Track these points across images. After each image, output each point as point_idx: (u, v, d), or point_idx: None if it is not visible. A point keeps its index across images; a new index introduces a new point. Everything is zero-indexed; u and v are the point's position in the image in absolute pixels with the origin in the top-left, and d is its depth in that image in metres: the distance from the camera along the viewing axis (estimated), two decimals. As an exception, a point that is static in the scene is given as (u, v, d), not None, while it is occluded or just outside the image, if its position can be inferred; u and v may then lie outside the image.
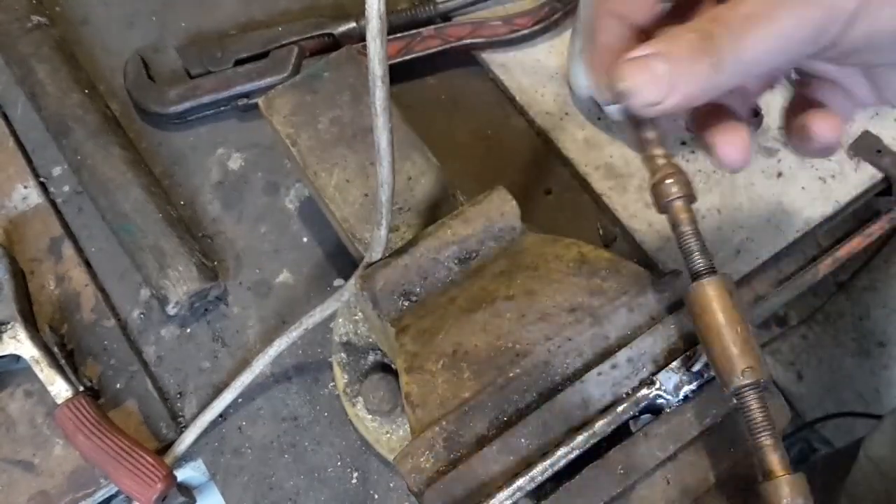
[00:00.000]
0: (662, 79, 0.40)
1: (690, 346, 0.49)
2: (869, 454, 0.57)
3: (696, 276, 0.44)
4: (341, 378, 0.71)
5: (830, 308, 0.78)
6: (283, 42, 0.85)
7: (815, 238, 0.81)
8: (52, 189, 0.82)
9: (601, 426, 0.47)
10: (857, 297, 0.78)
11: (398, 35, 0.85)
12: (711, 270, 0.44)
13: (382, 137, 0.47)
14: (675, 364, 0.49)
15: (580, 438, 0.47)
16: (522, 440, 0.47)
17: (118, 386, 0.74)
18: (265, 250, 0.80)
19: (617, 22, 0.45)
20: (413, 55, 0.85)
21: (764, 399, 0.42)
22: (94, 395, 0.72)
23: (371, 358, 0.71)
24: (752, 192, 0.81)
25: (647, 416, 0.48)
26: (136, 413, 0.73)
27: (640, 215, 0.80)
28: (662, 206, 0.45)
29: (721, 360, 0.43)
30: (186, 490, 0.73)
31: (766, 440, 0.42)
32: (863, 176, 0.82)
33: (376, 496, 0.70)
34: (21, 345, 0.70)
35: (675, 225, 0.45)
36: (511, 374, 0.50)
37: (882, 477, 0.55)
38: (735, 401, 0.43)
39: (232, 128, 0.85)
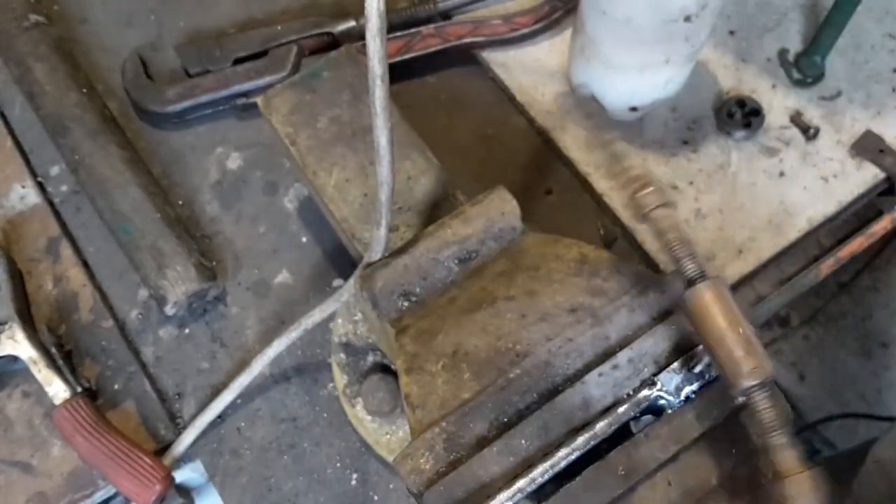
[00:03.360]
0: None
1: (692, 346, 0.49)
2: (875, 457, 0.57)
3: (690, 282, 0.44)
4: (341, 379, 0.70)
5: (832, 309, 0.78)
6: (282, 41, 0.84)
7: (817, 238, 0.81)
8: (49, 189, 0.82)
9: (602, 427, 0.47)
10: (859, 297, 0.78)
11: (398, 34, 0.85)
12: (703, 275, 0.44)
13: (382, 137, 0.46)
14: (676, 365, 0.49)
15: (581, 439, 0.46)
16: (523, 441, 0.47)
17: (116, 387, 0.73)
18: (264, 250, 0.80)
19: None
20: (413, 54, 0.85)
21: (773, 397, 0.42)
22: (92, 395, 0.72)
23: (370, 359, 0.71)
24: (753, 192, 0.81)
25: (648, 416, 0.48)
26: (135, 414, 0.72)
27: (640, 215, 0.80)
28: (642, 217, 0.46)
29: (727, 364, 0.43)
30: (185, 491, 0.72)
31: (777, 439, 0.42)
32: (865, 175, 0.82)
33: (376, 497, 0.70)
34: (19, 345, 0.70)
35: (660, 233, 0.45)
36: (511, 375, 0.50)
37: (888, 481, 0.55)
38: (744, 400, 0.43)
39: (231, 127, 0.85)
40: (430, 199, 0.64)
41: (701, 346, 0.47)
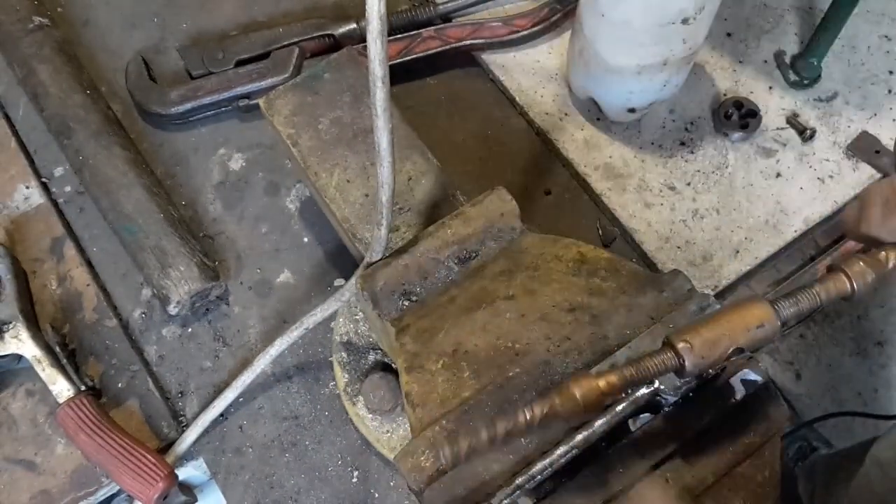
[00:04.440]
0: None
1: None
2: (875, 457, 0.57)
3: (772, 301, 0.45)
4: (342, 377, 0.71)
5: (829, 308, 0.78)
6: (284, 43, 0.85)
7: (813, 238, 0.81)
8: (53, 189, 0.83)
9: (600, 425, 0.47)
10: (855, 296, 0.79)
11: (398, 36, 0.85)
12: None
13: (383, 138, 0.47)
14: (673, 363, 0.49)
15: (579, 437, 0.47)
16: (522, 439, 0.47)
17: (120, 385, 0.74)
18: (266, 250, 0.80)
19: None
20: (413, 56, 0.86)
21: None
22: (96, 394, 0.72)
23: (371, 357, 0.71)
24: (750, 193, 0.82)
25: (646, 415, 0.48)
26: (138, 412, 0.73)
27: (639, 215, 0.81)
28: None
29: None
30: (188, 489, 0.73)
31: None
32: (861, 176, 0.82)
33: (377, 495, 0.71)
34: (23, 344, 0.70)
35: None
36: (511, 374, 0.50)
37: (885, 480, 0.56)
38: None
39: (233, 128, 0.86)
40: (430, 199, 0.64)
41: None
